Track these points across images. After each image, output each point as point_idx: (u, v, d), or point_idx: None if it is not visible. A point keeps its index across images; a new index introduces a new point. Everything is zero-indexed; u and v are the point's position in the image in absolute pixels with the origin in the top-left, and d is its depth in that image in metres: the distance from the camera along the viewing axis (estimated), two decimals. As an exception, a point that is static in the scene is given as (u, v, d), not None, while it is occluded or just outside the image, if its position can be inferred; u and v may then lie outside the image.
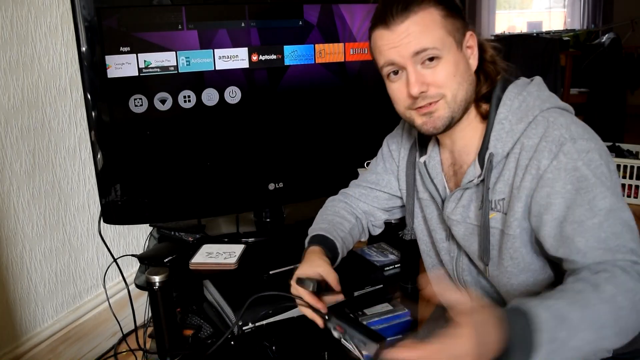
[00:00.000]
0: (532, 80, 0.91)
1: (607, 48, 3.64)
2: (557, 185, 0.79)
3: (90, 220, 1.66)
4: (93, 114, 1.29)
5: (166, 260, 1.37)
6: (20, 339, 1.46)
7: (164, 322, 1.27)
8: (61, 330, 1.56)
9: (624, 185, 1.82)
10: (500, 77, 0.91)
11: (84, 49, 1.25)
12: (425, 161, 1.00)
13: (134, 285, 1.34)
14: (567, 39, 4.03)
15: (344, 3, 1.48)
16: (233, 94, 1.41)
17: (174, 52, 1.32)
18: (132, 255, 1.46)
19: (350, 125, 1.59)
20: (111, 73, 1.28)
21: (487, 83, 0.91)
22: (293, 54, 1.45)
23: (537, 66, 3.20)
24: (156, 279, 1.22)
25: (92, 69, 1.26)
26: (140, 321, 1.59)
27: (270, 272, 1.39)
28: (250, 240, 1.51)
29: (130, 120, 1.33)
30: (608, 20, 5.32)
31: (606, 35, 3.83)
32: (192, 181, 1.43)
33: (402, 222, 1.14)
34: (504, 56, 0.93)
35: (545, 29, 5.61)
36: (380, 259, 1.51)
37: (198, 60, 1.35)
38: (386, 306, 1.42)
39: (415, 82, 0.84)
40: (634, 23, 4.49)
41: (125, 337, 1.68)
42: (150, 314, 1.40)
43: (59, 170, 1.55)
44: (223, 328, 1.38)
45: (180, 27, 1.32)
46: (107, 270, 1.61)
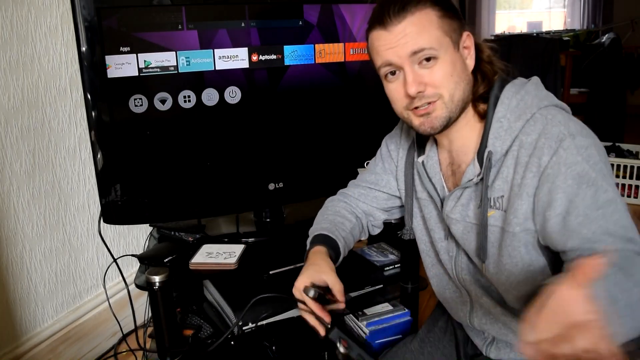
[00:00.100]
0: (530, 80, 0.91)
1: (607, 48, 3.64)
2: (558, 180, 0.79)
3: (90, 220, 1.66)
4: (93, 114, 1.29)
5: (166, 260, 1.37)
6: (20, 339, 1.46)
7: (164, 322, 1.27)
8: (61, 330, 1.56)
9: (624, 185, 1.82)
10: (498, 77, 0.91)
11: (84, 49, 1.25)
12: (423, 161, 1.01)
13: (134, 285, 1.34)
14: (567, 39, 4.03)
15: (344, 3, 1.48)
16: (233, 94, 1.41)
17: (174, 52, 1.32)
18: (132, 255, 1.46)
19: (350, 125, 1.59)
20: (111, 73, 1.28)
21: (485, 83, 0.91)
22: (293, 54, 1.45)
23: (537, 66, 3.20)
24: (156, 279, 1.22)
25: (92, 69, 1.26)
26: (140, 321, 1.59)
27: (270, 272, 1.39)
28: (250, 240, 1.51)
29: (130, 120, 1.33)
30: (608, 20, 5.32)
31: (606, 35, 3.83)
32: (192, 181, 1.43)
33: (402, 222, 1.15)
34: (504, 56, 0.94)
35: (545, 29, 5.62)
36: (380, 259, 1.51)
37: (198, 60, 1.35)
38: (386, 306, 1.42)
39: (413, 82, 0.85)
40: (634, 23, 4.50)
41: (125, 337, 1.68)
42: (150, 314, 1.40)
43: (59, 170, 1.55)
44: (223, 328, 1.38)
45: (180, 27, 1.32)
46: (107, 270, 1.61)
